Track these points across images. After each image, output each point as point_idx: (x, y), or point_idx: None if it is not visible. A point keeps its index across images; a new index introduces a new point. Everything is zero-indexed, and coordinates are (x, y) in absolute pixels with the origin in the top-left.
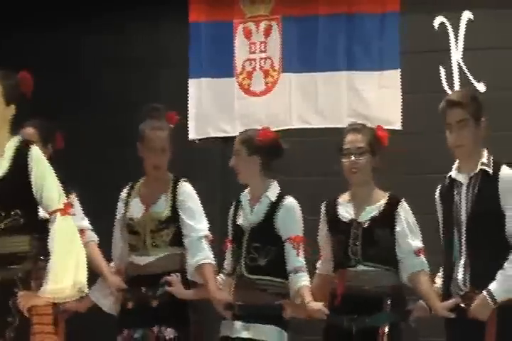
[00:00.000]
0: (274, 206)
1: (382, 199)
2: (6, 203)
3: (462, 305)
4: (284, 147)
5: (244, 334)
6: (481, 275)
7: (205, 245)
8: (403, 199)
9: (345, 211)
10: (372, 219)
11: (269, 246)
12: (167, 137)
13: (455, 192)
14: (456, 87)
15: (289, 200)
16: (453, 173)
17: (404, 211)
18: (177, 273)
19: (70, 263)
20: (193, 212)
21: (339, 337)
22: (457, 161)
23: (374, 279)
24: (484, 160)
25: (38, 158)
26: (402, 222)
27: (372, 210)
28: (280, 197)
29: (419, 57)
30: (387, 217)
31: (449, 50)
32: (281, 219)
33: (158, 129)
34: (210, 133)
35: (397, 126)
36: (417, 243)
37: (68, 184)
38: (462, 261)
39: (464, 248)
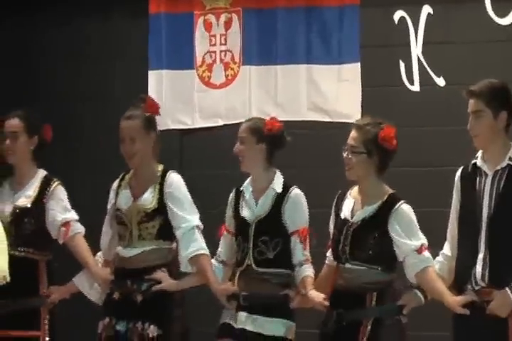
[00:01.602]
0: (281, 197)
1: (380, 200)
2: None
3: (477, 301)
4: (288, 139)
5: (251, 328)
6: (501, 271)
7: (198, 235)
8: (402, 201)
9: (346, 207)
10: (363, 221)
11: (277, 239)
12: (137, 126)
13: (477, 181)
14: (416, 81)
15: (296, 192)
16: (478, 161)
17: (398, 213)
18: (163, 268)
19: None
20: (183, 202)
21: (328, 330)
22: (480, 151)
23: (358, 277)
24: None
25: None
26: (394, 225)
27: (368, 211)
28: (286, 188)
29: (379, 51)
30: (380, 219)
31: (408, 44)
32: (289, 211)
33: (127, 118)
34: (170, 125)
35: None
36: (415, 242)
37: (51, 175)
38: (481, 255)
39: (483, 241)
